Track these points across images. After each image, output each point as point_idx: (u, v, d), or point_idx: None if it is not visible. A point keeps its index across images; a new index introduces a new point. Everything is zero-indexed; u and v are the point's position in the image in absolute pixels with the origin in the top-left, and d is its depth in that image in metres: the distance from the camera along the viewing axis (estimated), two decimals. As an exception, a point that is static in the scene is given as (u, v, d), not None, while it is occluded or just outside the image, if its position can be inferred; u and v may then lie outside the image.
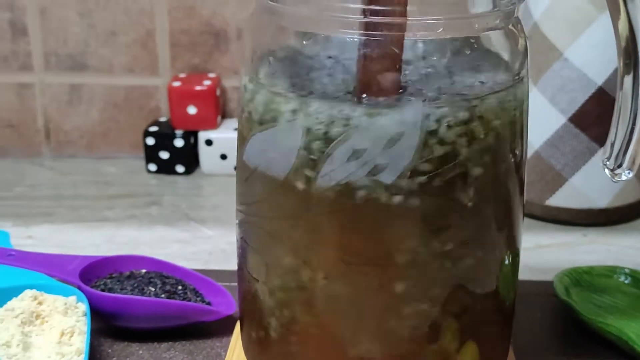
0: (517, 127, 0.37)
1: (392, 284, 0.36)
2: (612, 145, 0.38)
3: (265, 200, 0.36)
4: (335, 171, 0.33)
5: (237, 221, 0.40)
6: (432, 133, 0.33)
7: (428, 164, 0.33)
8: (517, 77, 0.36)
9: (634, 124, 0.38)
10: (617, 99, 0.39)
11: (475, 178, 0.35)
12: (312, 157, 0.34)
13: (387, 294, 0.36)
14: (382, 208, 0.34)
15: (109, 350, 0.49)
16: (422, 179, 0.33)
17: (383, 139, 0.32)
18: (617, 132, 0.38)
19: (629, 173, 0.38)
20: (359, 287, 0.36)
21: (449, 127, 0.33)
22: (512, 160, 0.37)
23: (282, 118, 0.34)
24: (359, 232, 0.34)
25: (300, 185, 0.34)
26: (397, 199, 0.33)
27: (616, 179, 0.38)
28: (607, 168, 0.38)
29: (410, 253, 0.35)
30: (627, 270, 0.55)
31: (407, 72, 0.33)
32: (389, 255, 0.35)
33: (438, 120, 0.33)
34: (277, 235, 0.36)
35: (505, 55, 0.37)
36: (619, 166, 0.38)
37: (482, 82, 0.35)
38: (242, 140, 0.37)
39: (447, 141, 0.33)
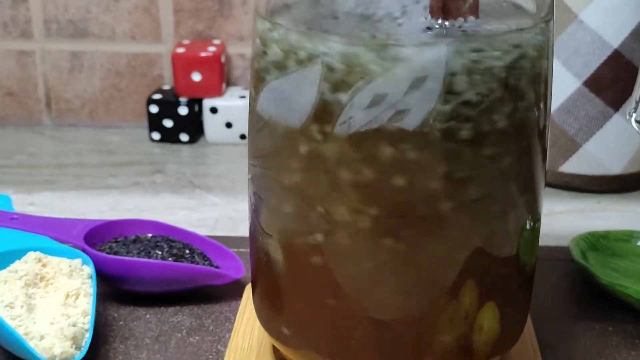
0: (542, 77, 0.36)
1: (412, 239, 0.34)
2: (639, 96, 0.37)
3: (279, 152, 0.35)
4: (354, 118, 0.32)
5: (249, 176, 0.38)
6: (457, 76, 0.31)
7: (452, 109, 0.32)
8: (543, 24, 0.35)
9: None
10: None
11: (499, 128, 0.33)
12: (330, 103, 0.32)
13: (407, 249, 0.34)
14: (403, 157, 0.32)
15: (115, 315, 0.48)
16: (446, 125, 0.32)
17: (406, 82, 0.31)
18: (644, 81, 0.37)
19: (656, 124, 0.37)
20: (377, 242, 0.34)
21: (474, 71, 0.31)
22: (537, 114, 0.36)
23: (299, 61, 0.32)
24: (379, 183, 0.33)
25: (317, 134, 0.33)
26: (420, 146, 0.32)
27: (643, 130, 0.37)
28: (635, 120, 0.37)
29: (431, 205, 0.33)
30: (644, 235, 0.54)
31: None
32: (409, 207, 0.33)
33: (463, 64, 0.31)
34: (292, 187, 0.35)
35: (531, 6, 0.36)
36: (646, 117, 0.36)
37: (508, 27, 0.33)
38: (256, 91, 0.36)
39: (472, 86, 0.32)
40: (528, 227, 0.38)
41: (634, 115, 0.37)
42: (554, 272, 0.53)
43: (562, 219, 0.61)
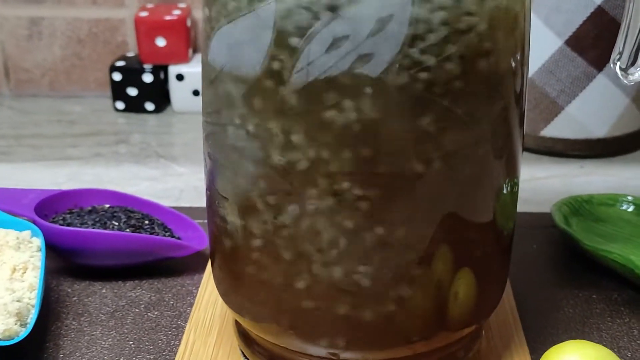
0: (518, 29, 0.33)
1: (378, 201, 0.31)
2: (625, 40, 0.34)
3: (233, 106, 0.32)
4: (313, 64, 0.29)
5: (203, 135, 0.35)
6: (424, 19, 0.28)
7: (420, 55, 0.29)
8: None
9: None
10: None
11: (471, 82, 0.30)
12: (285, 48, 0.29)
13: (373, 212, 0.31)
14: (367, 108, 0.29)
15: (69, 290, 0.45)
16: (413, 73, 0.29)
17: (368, 23, 0.28)
18: (629, 25, 0.34)
19: (643, 72, 0.34)
20: (341, 204, 0.31)
21: (442, 9, 0.28)
22: (513, 70, 0.33)
23: (250, 2, 0.29)
24: (341, 137, 0.30)
25: (272, 83, 0.30)
26: (385, 96, 0.29)
27: (629, 79, 0.34)
28: (619, 68, 0.34)
29: (398, 163, 0.31)
30: (630, 198, 0.51)
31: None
32: (374, 165, 0.30)
33: (431, 6, 0.28)
34: (247, 144, 0.32)
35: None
36: (632, 64, 0.33)
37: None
38: (206, 41, 0.33)
39: (442, 31, 0.29)
40: (505, 191, 0.35)
41: (618, 63, 0.34)
42: (536, 239, 0.50)
43: (544, 185, 0.58)
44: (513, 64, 0.33)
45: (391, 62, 0.29)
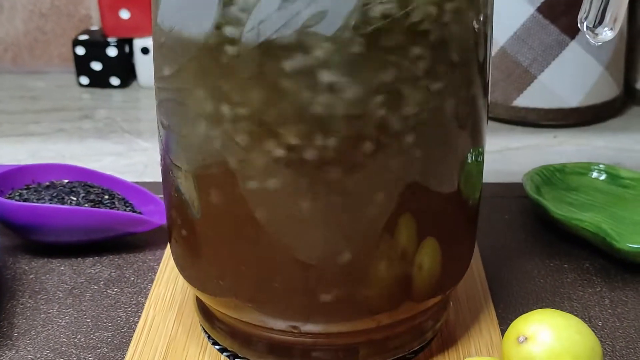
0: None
1: (337, 168, 0.30)
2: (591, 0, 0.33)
3: (183, 69, 0.30)
4: (264, 24, 0.28)
5: (156, 103, 0.34)
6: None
7: (376, 12, 0.27)
8: None
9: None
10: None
11: (431, 43, 0.29)
12: (235, 7, 0.28)
13: (333, 180, 0.30)
14: (322, 69, 0.28)
15: (26, 268, 0.43)
16: (370, 30, 0.27)
17: (320, -21, 0.27)
18: (597, -17, 0.33)
19: (610, 32, 0.33)
20: (298, 171, 0.30)
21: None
22: (475, 31, 0.31)
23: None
24: (295, 100, 0.29)
25: (223, 44, 0.28)
26: (340, 56, 0.28)
27: (597, 39, 0.33)
28: (586, 27, 0.33)
29: (357, 128, 0.29)
30: (602, 167, 0.50)
31: None
32: (332, 131, 0.29)
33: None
34: (199, 110, 0.30)
35: None
36: (600, 23, 0.32)
37: None
38: (155, 1, 0.31)
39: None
40: (470, 161, 0.34)
41: (585, 22, 0.33)
42: (507, 209, 0.49)
43: (517, 155, 0.57)
44: (476, 30, 0.32)
45: (346, 21, 0.27)
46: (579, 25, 0.34)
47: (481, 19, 0.32)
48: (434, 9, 0.29)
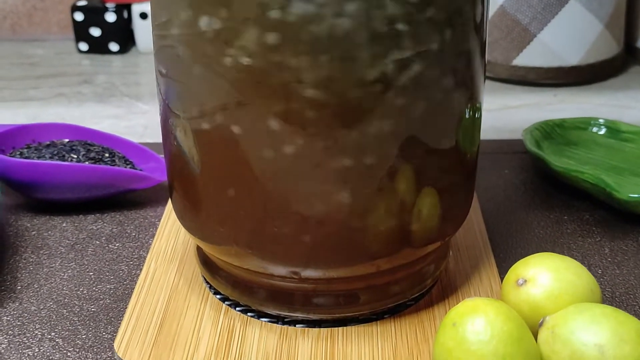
0: None
1: (336, 113, 0.30)
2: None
3: (179, 15, 0.30)
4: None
5: (154, 51, 0.34)
6: None
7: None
8: None
9: None
10: None
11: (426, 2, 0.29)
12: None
13: (330, 124, 0.30)
14: (317, 10, 0.28)
15: (28, 225, 0.43)
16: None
17: None
18: None
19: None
20: (298, 115, 0.30)
21: None
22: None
23: None
24: (296, 39, 0.29)
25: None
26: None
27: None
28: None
29: (356, 79, 0.29)
30: (601, 121, 0.50)
31: None
32: (332, 73, 0.29)
33: None
34: (196, 52, 0.30)
35: None
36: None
37: None
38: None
39: None
40: (467, 116, 0.34)
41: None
42: (508, 164, 0.49)
43: (517, 113, 0.57)
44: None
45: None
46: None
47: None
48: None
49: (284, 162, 0.31)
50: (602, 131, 0.50)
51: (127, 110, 0.58)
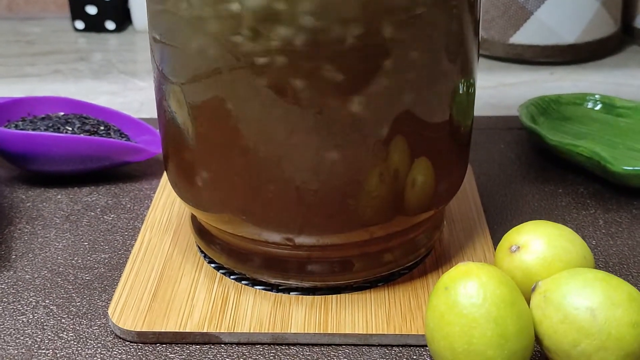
0: None
1: (327, 81, 0.30)
2: None
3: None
4: None
5: (148, 18, 0.34)
6: None
7: None
8: None
9: None
10: None
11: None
12: None
13: (324, 89, 0.30)
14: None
15: (23, 197, 0.43)
16: None
17: None
18: None
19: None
20: (292, 86, 0.30)
21: None
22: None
23: None
24: (292, 16, 0.29)
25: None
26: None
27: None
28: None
29: (352, 35, 0.29)
30: (597, 97, 0.50)
31: None
32: (326, 37, 0.29)
33: None
34: (190, 17, 0.30)
35: None
36: None
37: None
38: None
39: None
40: (460, 92, 0.34)
41: None
42: (503, 139, 0.49)
43: (513, 90, 0.57)
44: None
45: None
46: None
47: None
48: None
49: (277, 127, 0.31)
50: (598, 107, 0.50)
51: (123, 86, 0.58)
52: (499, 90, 0.57)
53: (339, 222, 0.33)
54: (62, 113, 0.47)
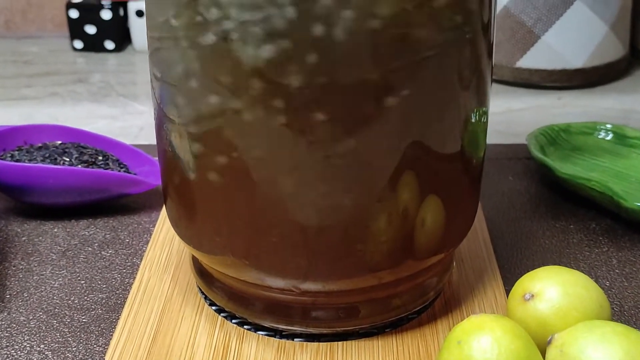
0: None
1: (338, 122, 0.29)
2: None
3: (178, 15, 0.29)
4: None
5: (149, 53, 0.32)
6: None
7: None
8: None
9: None
10: None
11: (435, 9, 0.28)
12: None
13: (336, 132, 0.29)
14: (324, 37, 0.27)
15: (18, 230, 0.42)
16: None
17: None
18: None
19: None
20: (298, 121, 0.29)
21: None
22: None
23: None
24: (297, 45, 0.27)
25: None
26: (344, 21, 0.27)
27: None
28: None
29: (360, 88, 0.28)
30: (608, 126, 0.49)
31: None
32: (332, 83, 0.28)
33: None
34: (193, 58, 0.29)
35: None
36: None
37: None
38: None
39: None
40: (473, 121, 0.33)
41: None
42: (512, 170, 0.48)
43: (520, 117, 0.56)
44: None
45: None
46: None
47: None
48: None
49: (283, 168, 0.30)
50: (609, 137, 0.49)
51: (122, 110, 0.57)
52: (507, 117, 0.56)
53: (347, 268, 0.32)
54: (59, 142, 0.46)
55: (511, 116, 0.56)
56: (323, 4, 0.27)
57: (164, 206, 0.43)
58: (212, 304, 0.36)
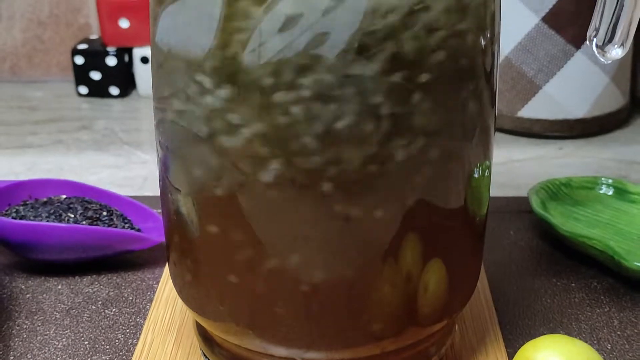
0: (487, 2, 0.30)
1: (341, 188, 0.29)
2: (601, 15, 0.32)
3: (182, 90, 0.29)
4: (265, 45, 0.27)
5: (155, 122, 0.33)
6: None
7: (381, 32, 0.26)
8: None
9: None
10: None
11: (436, 58, 0.28)
12: (235, 28, 0.27)
13: (336, 200, 0.29)
14: (326, 91, 0.27)
15: (23, 287, 0.42)
16: (374, 52, 0.27)
17: (322, 1, 0.26)
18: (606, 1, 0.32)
19: (620, 50, 0.32)
20: (301, 194, 0.29)
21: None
22: (482, 43, 0.31)
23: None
24: (297, 122, 0.28)
25: (223, 65, 0.28)
26: (344, 77, 0.27)
27: (606, 57, 0.32)
28: (596, 45, 0.32)
29: (362, 148, 0.28)
30: (609, 181, 0.49)
31: None
32: (336, 152, 0.28)
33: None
34: (199, 132, 0.29)
35: None
36: (609, 41, 0.31)
37: None
38: (155, 19, 0.30)
39: (402, 3, 0.26)
40: (477, 175, 0.33)
41: (594, 40, 0.32)
42: (513, 224, 0.49)
43: (522, 168, 0.56)
44: (482, 42, 0.31)
45: (349, 42, 0.26)
46: (587, 42, 0.33)
47: (488, 34, 0.31)
48: (440, 27, 0.28)
49: (285, 241, 0.30)
50: (610, 191, 0.49)
51: (126, 159, 0.57)
52: (508, 167, 0.56)
53: (350, 337, 0.32)
54: (64, 196, 0.46)
55: (513, 167, 0.56)
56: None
57: (167, 263, 0.44)
58: (215, 368, 0.36)
